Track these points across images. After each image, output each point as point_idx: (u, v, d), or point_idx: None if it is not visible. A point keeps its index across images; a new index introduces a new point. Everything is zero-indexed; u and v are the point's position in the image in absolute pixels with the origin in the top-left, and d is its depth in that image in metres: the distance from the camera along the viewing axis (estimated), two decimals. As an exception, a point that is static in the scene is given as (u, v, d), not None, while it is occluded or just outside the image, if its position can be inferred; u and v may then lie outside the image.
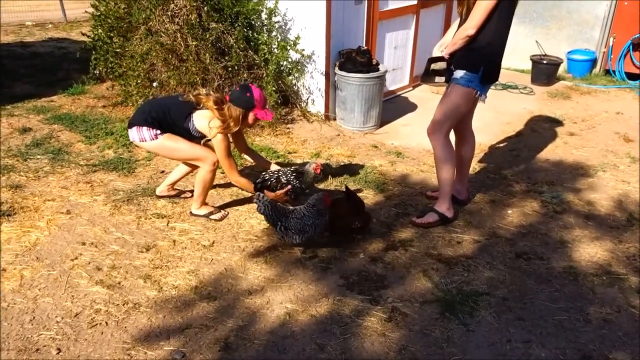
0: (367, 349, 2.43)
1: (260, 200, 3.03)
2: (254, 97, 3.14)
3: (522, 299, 2.79)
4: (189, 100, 3.18)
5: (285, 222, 2.99)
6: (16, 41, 8.60)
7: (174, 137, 3.22)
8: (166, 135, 3.20)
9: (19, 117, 5.07)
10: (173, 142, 3.21)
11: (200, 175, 3.31)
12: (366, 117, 5.09)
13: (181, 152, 3.27)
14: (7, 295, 2.69)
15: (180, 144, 3.22)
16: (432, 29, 6.29)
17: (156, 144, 3.20)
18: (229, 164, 3.26)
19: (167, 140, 3.20)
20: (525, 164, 4.49)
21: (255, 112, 3.21)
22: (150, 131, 3.16)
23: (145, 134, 3.16)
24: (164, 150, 3.28)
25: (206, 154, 3.26)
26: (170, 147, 3.23)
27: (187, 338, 2.47)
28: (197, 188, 3.38)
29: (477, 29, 3.01)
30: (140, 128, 3.15)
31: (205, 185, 3.36)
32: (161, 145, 3.21)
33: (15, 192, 3.67)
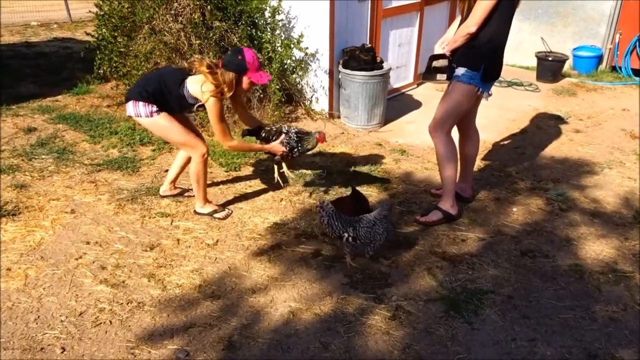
0: (371, 348, 2.43)
1: (324, 208, 2.88)
2: (246, 60, 3.01)
3: (527, 297, 2.77)
4: (183, 67, 3.14)
5: (354, 232, 2.84)
6: (21, 41, 8.64)
7: (168, 118, 3.15)
8: (162, 115, 3.13)
9: (24, 116, 5.09)
10: (167, 122, 3.15)
11: (192, 168, 3.30)
12: (370, 115, 5.07)
13: (173, 135, 3.21)
14: (12, 294, 2.70)
15: (174, 125, 3.16)
16: (436, 27, 6.26)
17: (150, 122, 3.14)
18: (221, 128, 3.14)
19: (162, 120, 3.13)
20: (530, 162, 4.47)
21: (249, 76, 3.08)
22: (147, 107, 3.08)
23: (141, 110, 3.09)
24: (157, 129, 3.23)
25: (196, 143, 3.23)
26: (163, 127, 3.16)
27: (191, 337, 2.47)
28: (193, 184, 3.37)
29: (478, 26, 2.99)
30: (136, 102, 3.08)
31: (199, 178, 3.33)
32: (155, 123, 3.15)
33: (20, 191, 3.68)
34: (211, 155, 4.33)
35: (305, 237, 3.29)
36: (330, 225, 2.87)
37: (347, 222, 2.87)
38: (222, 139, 3.20)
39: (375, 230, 2.84)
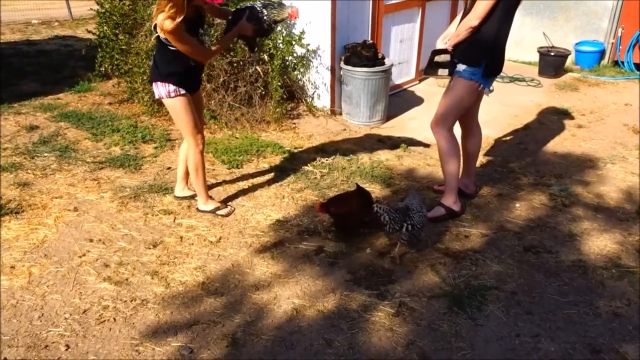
0: (374, 344, 2.43)
1: (381, 209, 2.90)
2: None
3: (531, 293, 2.77)
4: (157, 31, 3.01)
5: (411, 220, 2.90)
6: (23, 39, 8.63)
7: (187, 103, 3.13)
8: (181, 98, 3.10)
9: (26, 115, 5.10)
10: (183, 107, 3.12)
11: (190, 158, 3.30)
12: (372, 111, 5.06)
13: (180, 120, 3.19)
14: (16, 292, 2.71)
15: (188, 113, 3.14)
16: (438, 22, 6.23)
17: (169, 103, 3.14)
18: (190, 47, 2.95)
19: (179, 103, 3.11)
20: (532, 157, 4.46)
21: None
22: (165, 86, 3.06)
23: (161, 90, 3.08)
24: (171, 112, 3.22)
25: (197, 133, 3.21)
26: (178, 111, 3.15)
27: (195, 334, 2.47)
28: (192, 175, 3.38)
29: (480, 20, 2.98)
30: (156, 83, 3.10)
31: (198, 169, 3.32)
32: (172, 105, 3.15)
33: (23, 189, 3.69)
34: (213, 152, 4.34)
35: (308, 233, 3.29)
36: (392, 220, 2.89)
37: (403, 213, 2.94)
38: (197, 56, 3.05)
39: (423, 214, 2.99)
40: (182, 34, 2.91)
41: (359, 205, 3.20)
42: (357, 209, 3.19)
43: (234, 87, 4.90)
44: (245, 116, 4.90)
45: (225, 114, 4.86)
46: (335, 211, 3.20)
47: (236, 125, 4.85)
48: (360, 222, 3.26)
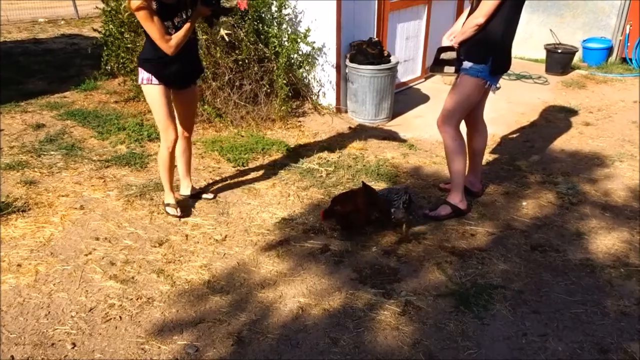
0: (380, 343, 2.42)
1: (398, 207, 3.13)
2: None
3: (538, 292, 2.75)
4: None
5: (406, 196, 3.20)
6: (29, 38, 8.67)
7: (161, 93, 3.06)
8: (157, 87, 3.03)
9: (33, 113, 5.12)
10: (156, 96, 3.07)
11: (159, 152, 3.29)
12: (378, 109, 5.05)
13: (155, 111, 3.15)
14: (23, 290, 2.72)
15: (160, 104, 3.08)
16: (444, 19, 6.20)
17: (143, 89, 3.12)
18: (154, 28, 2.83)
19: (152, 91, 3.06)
20: (539, 155, 4.43)
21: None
22: (141, 72, 3.03)
23: (139, 75, 3.06)
24: (147, 98, 3.16)
25: (168, 127, 3.14)
26: (150, 99, 3.11)
27: (201, 332, 2.47)
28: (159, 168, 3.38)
29: (487, 17, 2.96)
30: (139, 69, 3.07)
31: (162, 164, 3.29)
32: (145, 93, 3.13)
33: (30, 188, 3.70)
34: (219, 150, 4.34)
35: (314, 232, 3.28)
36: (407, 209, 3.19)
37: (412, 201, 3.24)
38: (162, 44, 2.89)
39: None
40: (147, 15, 2.77)
41: (365, 203, 3.19)
42: (363, 207, 3.18)
43: (239, 85, 4.90)
44: (250, 114, 4.90)
45: (231, 112, 4.85)
46: (341, 210, 3.20)
47: (242, 124, 4.85)
48: (367, 220, 3.25)
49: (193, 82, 3.31)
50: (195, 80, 3.34)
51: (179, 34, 2.93)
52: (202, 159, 4.26)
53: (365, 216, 3.23)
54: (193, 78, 3.30)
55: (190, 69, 3.21)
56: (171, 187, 3.42)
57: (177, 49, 2.93)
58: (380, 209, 3.24)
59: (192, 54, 3.17)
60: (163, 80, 3.05)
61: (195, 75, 3.33)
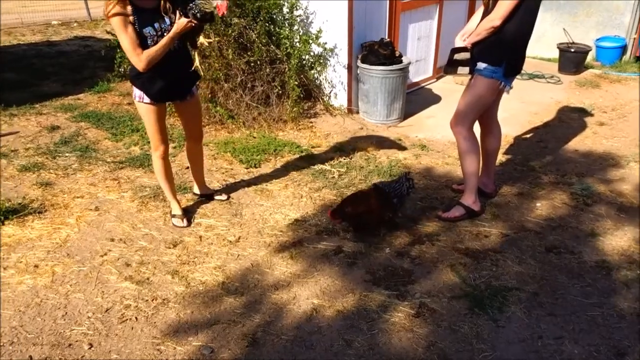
0: (395, 345, 2.42)
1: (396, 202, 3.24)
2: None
3: (554, 294, 2.73)
4: None
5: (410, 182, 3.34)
6: (43, 40, 8.77)
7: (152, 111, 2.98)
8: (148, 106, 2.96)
9: (48, 115, 5.17)
10: (146, 114, 3.00)
11: (153, 164, 3.26)
12: (389, 109, 5.04)
13: (146, 126, 3.10)
14: (40, 290, 2.75)
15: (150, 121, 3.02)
16: (456, 19, 6.18)
17: (136, 105, 3.04)
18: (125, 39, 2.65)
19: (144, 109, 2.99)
20: (553, 155, 4.40)
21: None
22: (134, 89, 2.96)
23: (133, 91, 2.99)
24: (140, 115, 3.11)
25: (157, 141, 3.11)
26: (142, 115, 3.06)
27: (215, 333, 2.49)
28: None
29: (503, 20, 2.94)
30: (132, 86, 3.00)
31: (159, 175, 3.26)
32: (138, 109, 3.05)
33: (46, 189, 3.74)
34: (232, 152, 4.36)
35: (327, 233, 3.28)
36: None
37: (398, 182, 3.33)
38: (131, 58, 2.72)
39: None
40: (121, 23, 2.62)
41: (377, 204, 3.18)
42: (375, 208, 3.17)
43: (251, 86, 4.92)
44: (262, 115, 4.92)
45: (243, 114, 4.87)
46: (353, 211, 3.18)
47: (254, 125, 4.87)
48: (379, 220, 3.24)
49: (189, 92, 3.14)
50: (190, 90, 3.14)
51: (151, 50, 2.72)
52: (215, 160, 4.28)
53: (378, 217, 3.22)
54: (187, 89, 3.12)
55: (180, 82, 3.03)
56: (174, 196, 3.39)
57: (149, 65, 2.74)
58: (393, 209, 3.24)
59: (179, 66, 2.95)
60: (153, 98, 2.94)
61: (189, 85, 3.12)
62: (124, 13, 2.63)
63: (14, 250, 3.07)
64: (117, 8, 2.60)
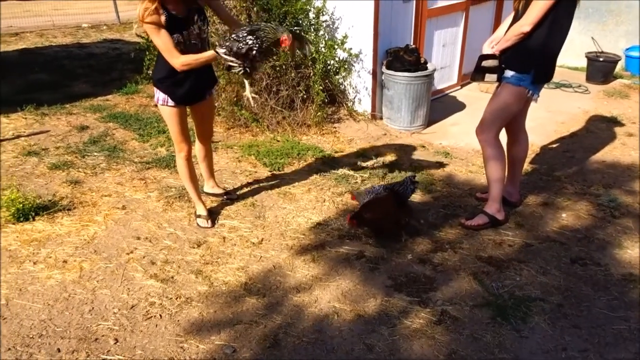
0: (416, 352, 2.41)
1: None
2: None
3: (579, 306, 2.69)
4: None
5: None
6: (73, 42, 8.99)
7: (175, 114, 3.07)
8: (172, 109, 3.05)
9: (77, 115, 5.30)
10: (170, 117, 3.10)
11: (177, 164, 3.34)
12: (413, 116, 5.03)
13: (169, 129, 3.19)
14: (69, 285, 2.82)
15: (173, 123, 3.11)
16: (482, 27, 6.15)
17: (160, 109, 3.13)
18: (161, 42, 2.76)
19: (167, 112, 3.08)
20: (580, 166, 4.33)
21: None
22: (157, 92, 3.04)
23: (155, 94, 3.07)
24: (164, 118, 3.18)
25: (181, 142, 3.19)
26: (165, 118, 3.15)
27: (237, 333, 2.52)
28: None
29: (533, 26, 2.91)
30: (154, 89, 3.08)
31: (182, 176, 3.36)
32: (161, 112, 3.15)
33: (75, 187, 3.84)
34: (256, 155, 4.40)
35: (349, 238, 3.30)
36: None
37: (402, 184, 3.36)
38: (165, 54, 2.82)
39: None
40: (155, 28, 2.71)
41: (394, 208, 3.17)
42: (393, 212, 3.15)
43: (276, 90, 4.96)
44: (286, 119, 4.96)
45: (268, 117, 4.92)
46: (372, 216, 3.16)
47: (278, 129, 4.91)
48: (396, 225, 3.22)
49: (208, 94, 3.25)
50: (209, 92, 3.25)
51: (192, 60, 2.82)
52: (239, 163, 4.33)
53: (395, 221, 3.20)
54: (207, 91, 3.23)
55: (203, 84, 3.15)
56: (199, 197, 3.46)
57: (186, 69, 2.86)
58: (410, 213, 3.23)
59: (204, 69, 3.05)
60: (178, 101, 3.04)
61: (209, 87, 3.24)
62: (157, 22, 2.73)
63: (43, 246, 3.15)
64: (151, 17, 2.70)
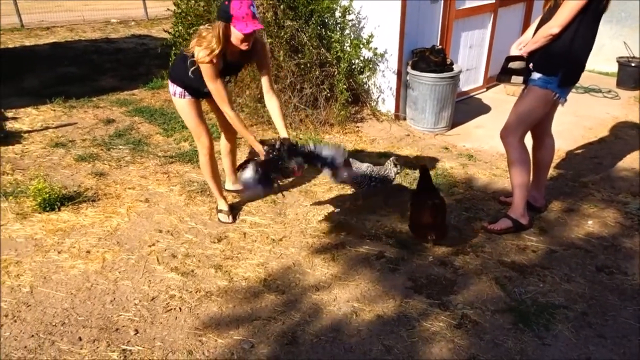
0: (434, 355, 2.38)
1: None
2: (231, 5, 2.69)
3: (604, 316, 2.63)
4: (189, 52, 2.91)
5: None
6: (102, 37, 9.14)
7: (191, 105, 3.13)
8: (185, 100, 3.11)
9: (104, 108, 5.39)
10: (186, 108, 3.14)
11: (200, 161, 3.36)
12: (437, 117, 4.98)
13: (187, 122, 3.23)
14: (91, 275, 2.86)
15: (190, 115, 3.16)
16: (510, 29, 6.06)
17: (175, 101, 3.18)
18: (216, 88, 2.89)
19: (181, 103, 3.13)
20: (607, 172, 4.23)
21: (234, 25, 2.73)
22: (173, 86, 3.10)
23: (170, 88, 3.13)
24: (178, 110, 3.24)
25: (200, 134, 3.21)
26: (181, 111, 3.19)
27: (256, 329, 2.52)
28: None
29: (562, 27, 2.85)
30: (170, 82, 3.14)
31: (205, 171, 3.36)
32: (177, 105, 3.18)
33: (100, 179, 3.90)
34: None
35: (369, 237, 3.28)
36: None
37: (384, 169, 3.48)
38: (218, 100, 2.95)
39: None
40: (215, 73, 2.85)
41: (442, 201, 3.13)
42: (442, 204, 3.10)
43: (300, 88, 4.97)
44: (309, 118, 4.96)
45: (291, 115, 4.93)
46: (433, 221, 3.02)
47: (300, 127, 4.91)
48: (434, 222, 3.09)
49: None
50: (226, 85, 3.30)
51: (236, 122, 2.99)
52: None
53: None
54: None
55: None
56: (220, 193, 3.48)
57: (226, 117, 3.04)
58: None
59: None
60: (195, 94, 3.12)
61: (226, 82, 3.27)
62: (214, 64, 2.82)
63: (68, 236, 3.21)
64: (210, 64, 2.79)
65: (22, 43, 8.49)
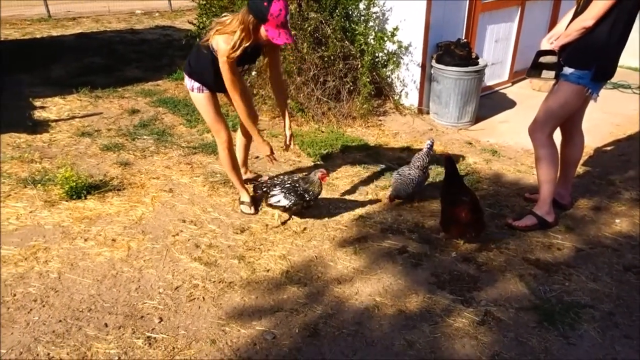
0: (457, 351, 2.37)
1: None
2: (270, 9, 2.67)
3: (631, 316, 2.58)
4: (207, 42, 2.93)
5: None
6: (127, 28, 9.24)
7: (209, 100, 3.15)
8: (203, 94, 3.13)
9: (129, 99, 5.45)
10: (204, 103, 3.16)
11: (219, 155, 3.37)
12: (461, 112, 4.92)
13: (205, 116, 3.25)
14: (117, 263, 2.91)
15: (208, 109, 3.18)
16: (537, 23, 5.95)
17: (192, 96, 3.21)
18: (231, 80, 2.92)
19: (199, 98, 3.15)
20: (636, 170, 4.14)
21: (267, 29, 2.76)
22: (191, 81, 3.12)
23: (188, 83, 3.16)
24: (196, 105, 3.26)
25: (219, 129, 3.23)
26: (199, 104, 3.20)
27: (278, 320, 2.53)
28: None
29: (596, 20, 2.78)
30: (187, 77, 3.16)
31: (224, 165, 3.38)
32: (194, 98, 3.20)
33: (125, 168, 3.95)
34: (300, 144, 4.41)
35: (391, 232, 3.26)
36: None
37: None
38: (231, 90, 2.99)
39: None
40: (233, 63, 2.88)
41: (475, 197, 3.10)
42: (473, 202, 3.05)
43: (323, 81, 4.96)
44: (332, 110, 4.95)
45: (313, 108, 4.92)
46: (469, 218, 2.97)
47: (322, 119, 4.90)
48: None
49: None
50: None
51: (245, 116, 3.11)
52: (283, 152, 4.34)
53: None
54: None
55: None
56: (242, 185, 3.49)
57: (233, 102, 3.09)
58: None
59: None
60: (212, 88, 3.14)
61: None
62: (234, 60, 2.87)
63: (94, 224, 3.26)
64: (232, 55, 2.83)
65: (49, 33, 8.63)
